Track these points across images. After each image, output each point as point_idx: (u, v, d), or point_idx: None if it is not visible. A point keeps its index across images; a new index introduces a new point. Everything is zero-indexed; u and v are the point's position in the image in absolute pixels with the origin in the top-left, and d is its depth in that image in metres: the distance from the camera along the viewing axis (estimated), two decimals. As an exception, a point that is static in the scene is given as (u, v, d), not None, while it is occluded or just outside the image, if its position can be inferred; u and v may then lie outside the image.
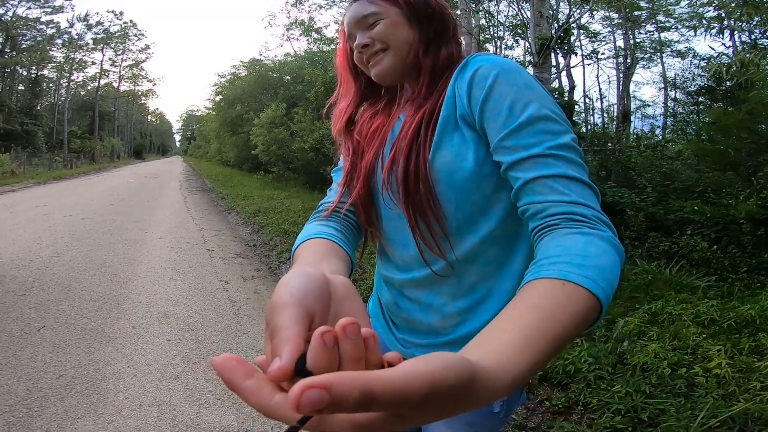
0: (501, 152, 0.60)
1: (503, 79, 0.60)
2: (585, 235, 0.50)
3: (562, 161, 0.56)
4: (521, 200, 0.58)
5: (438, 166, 0.65)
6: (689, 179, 5.12)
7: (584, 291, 0.43)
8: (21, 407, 2.04)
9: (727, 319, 2.77)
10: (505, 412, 0.80)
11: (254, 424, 2.03)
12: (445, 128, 0.65)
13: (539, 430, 2.00)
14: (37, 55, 29.57)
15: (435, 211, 0.66)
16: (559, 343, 0.40)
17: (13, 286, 3.74)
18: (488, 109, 0.60)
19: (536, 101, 0.58)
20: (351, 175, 0.76)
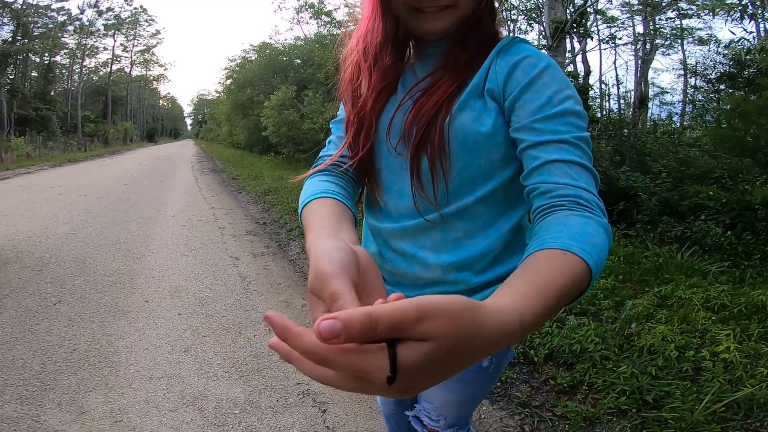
0: (528, 132, 0.64)
1: (550, 72, 0.66)
2: (584, 218, 0.56)
3: (580, 151, 0.62)
4: (534, 178, 0.62)
5: (457, 125, 0.68)
6: (706, 165, 5.04)
7: (581, 261, 0.48)
8: (35, 381, 2.10)
9: (738, 305, 2.74)
10: (494, 367, 0.83)
11: (260, 397, 2.07)
12: (473, 93, 0.69)
13: (543, 409, 2.01)
14: (49, 42, 29.87)
15: (443, 166, 0.69)
16: (558, 301, 0.44)
17: (30, 262, 3.84)
18: (528, 92, 0.65)
19: (573, 99, 0.64)
20: (357, 125, 0.76)
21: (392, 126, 0.73)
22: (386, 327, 0.29)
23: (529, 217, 0.71)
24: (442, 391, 0.86)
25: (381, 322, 0.29)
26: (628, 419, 1.89)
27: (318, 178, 0.74)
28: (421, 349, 0.30)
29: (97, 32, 37.09)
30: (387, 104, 0.75)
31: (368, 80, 0.75)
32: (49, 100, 29.60)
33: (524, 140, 0.64)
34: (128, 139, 42.46)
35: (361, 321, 0.29)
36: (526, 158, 0.64)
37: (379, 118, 0.75)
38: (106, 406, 1.95)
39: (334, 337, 0.28)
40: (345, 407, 2.02)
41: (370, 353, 0.30)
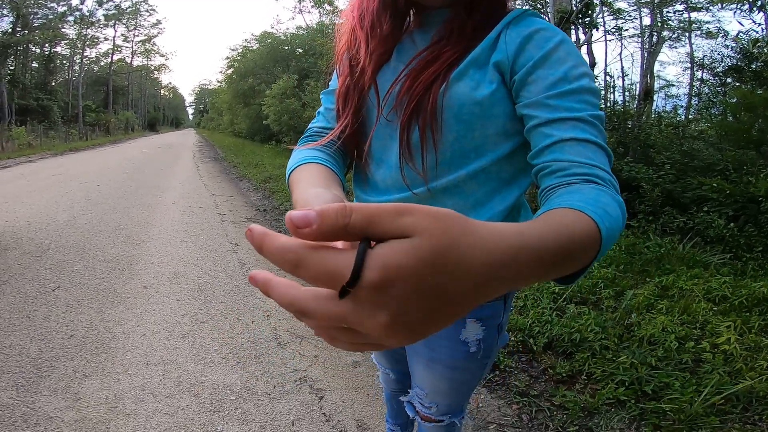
0: (541, 108, 0.61)
1: (565, 47, 0.62)
2: (598, 190, 0.53)
3: (595, 130, 0.59)
4: (545, 156, 0.59)
5: (452, 94, 0.65)
6: (710, 157, 5.00)
7: (591, 221, 0.44)
8: (31, 368, 2.09)
9: (739, 297, 2.72)
10: (483, 353, 0.80)
11: (257, 383, 2.06)
12: (473, 63, 0.65)
13: (542, 398, 2.00)
14: (50, 32, 29.80)
15: (434, 135, 0.66)
16: (565, 252, 0.37)
17: (30, 248, 3.83)
18: (542, 67, 0.61)
19: (588, 76, 0.62)
20: (349, 94, 0.73)
21: (384, 94, 0.71)
22: (362, 216, 0.26)
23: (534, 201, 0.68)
24: (431, 377, 0.84)
25: (356, 211, 0.26)
26: (626, 410, 1.88)
27: (307, 148, 0.73)
28: (403, 245, 0.26)
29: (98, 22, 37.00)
30: (381, 73, 0.72)
31: (365, 48, 0.72)
32: (50, 90, 29.63)
33: (535, 117, 0.61)
34: (130, 128, 42.40)
35: (336, 210, 0.26)
36: (536, 136, 0.61)
37: (371, 87, 0.72)
38: (101, 392, 1.94)
39: (307, 225, 0.26)
40: (342, 394, 2.01)
41: (345, 252, 0.27)
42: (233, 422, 1.80)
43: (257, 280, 0.30)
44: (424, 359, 0.83)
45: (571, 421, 1.85)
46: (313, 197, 0.44)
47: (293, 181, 0.64)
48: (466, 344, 0.79)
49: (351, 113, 0.72)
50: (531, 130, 0.62)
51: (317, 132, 0.79)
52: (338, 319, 0.28)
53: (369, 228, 0.26)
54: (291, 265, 0.27)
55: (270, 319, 2.68)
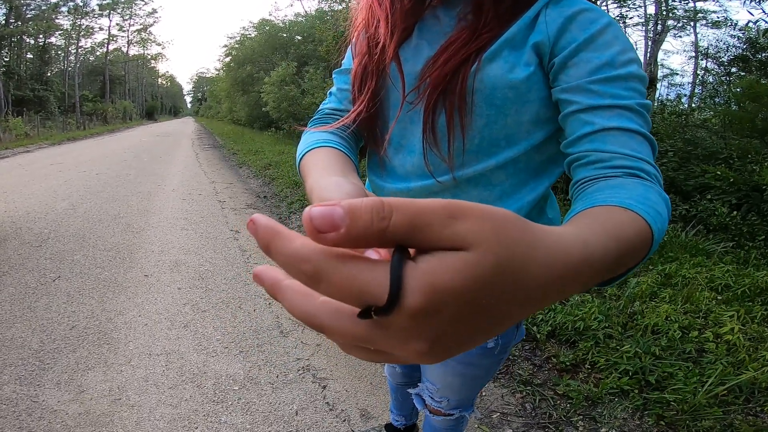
0: (582, 93, 0.56)
1: (613, 30, 0.57)
2: (646, 187, 0.48)
3: (642, 119, 0.54)
4: (583, 145, 0.55)
5: (484, 76, 0.60)
6: (713, 146, 4.97)
7: (647, 226, 0.40)
8: (34, 360, 2.08)
9: (742, 286, 2.71)
10: (500, 348, 0.78)
11: (260, 373, 2.06)
12: (508, 44, 0.60)
13: (545, 387, 2.00)
14: (43, 23, 29.60)
15: (462, 120, 0.61)
16: (624, 253, 0.35)
17: (29, 238, 3.81)
18: (586, 50, 0.57)
19: (637, 63, 0.57)
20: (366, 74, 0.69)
21: (407, 74, 0.66)
22: (404, 220, 0.21)
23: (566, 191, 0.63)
24: (443, 373, 0.82)
25: (398, 211, 0.21)
26: (630, 400, 1.88)
27: (320, 130, 0.68)
28: (457, 262, 0.20)
29: (92, 12, 36.71)
30: (401, 51, 0.67)
31: (384, 26, 0.67)
32: (46, 80, 29.56)
33: (574, 102, 0.56)
34: (128, 117, 42.23)
35: (370, 209, 0.21)
36: (574, 122, 0.56)
37: (391, 66, 0.67)
38: (104, 384, 1.93)
39: (332, 228, 0.20)
40: (345, 383, 2.01)
41: (379, 265, 0.21)
42: (237, 412, 1.80)
43: (263, 279, 0.25)
44: None
45: (575, 411, 1.85)
46: (334, 187, 0.39)
47: (305, 166, 0.58)
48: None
49: (369, 95, 0.68)
50: (569, 116, 0.57)
51: (329, 114, 0.74)
52: (364, 341, 0.23)
53: (413, 235, 0.21)
54: (308, 278, 0.22)
55: (272, 307, 2.67)
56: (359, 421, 1.78)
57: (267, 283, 0.25)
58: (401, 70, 0.66)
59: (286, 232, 0.23)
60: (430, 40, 0.66)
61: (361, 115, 0.68)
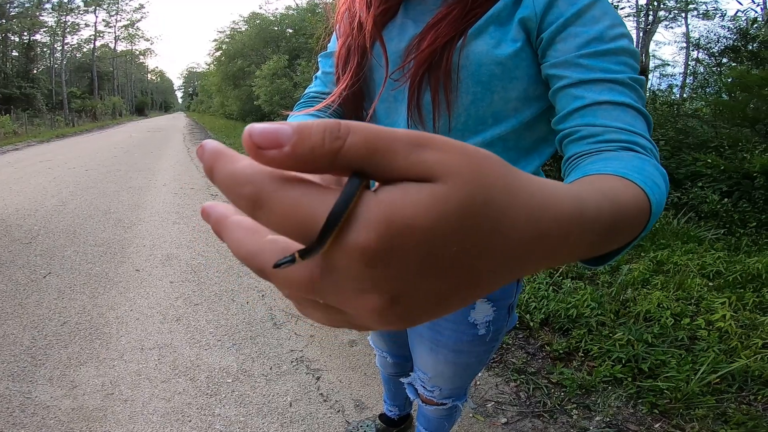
0: (572, 67, 0.54)
1: (601, 5, 0.56)
2: (642, 159, 0.47)
3: (635, 93, 0.53)
4: (574, 120, 0.53)
5: (470, 52, 0.59)
6: (704, 135, 5.00)
7: (643, 194, 0.38)
8: (25, 356, 2.06)
9: (733, 273, 2.73)
10: (492, 335, 0.77)
11: (253, 365, 2.05)
12: (493, 19, 0.59)
13: (539, 375, 2.01)
14: (27, 20, 29.17)
15: (448, 96, 0.60)
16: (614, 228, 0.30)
17: (19, 235, 3.76)
18: (575, 24, 0.55)
19: (628, 38, 0.55)
20: (349, 54, 0.67)
21: (391, 53, 0.65)
22: (362, 140, 0.17)
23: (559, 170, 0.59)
24: (435, 361, 0.81)
25: (354, 132, 0.17)
26: (623, 388, 1.89)
27: (301, 113, 0.69)
28: (421, 193, 0.17)
29: (77, 9, 36.26)
30: (386, 30, 0.66)
31: (366, 4, 0.66)
32: (32, 78, 29.29)
33: (564, 77, 0.55)
34: (117, 113, 41.81)
35: (323, 127, 0.17)
36: (564, 98, 0.55)
37: (374, 45, 0.66)
38: (97, 379, 1.92)
39: (275, 144, 0.17)
40: (339, 374, 2.00)
41: (330, 192, 0.18)
42: (230, 405, 1.79)
43: (209, 215, 0.22)
44: (428, 342, 0.80)
45: (569, 399, 1.86)
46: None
47: None
48: (474, 327, 0.75)
49: (352, 73, 0.67)
50: (558, 91, 0.56)
51: (314, 97, 0.74)
52: (311, 292, 0.20)
53: (371, 159, 0.17)
54: (248, 202, 0.18)
55: (265, 299, 2.66)
56: (353, 412, 1.78)
57: (212, 219, 0.22)
58: (385, 49, 0.65)
59: (232, 153, 0.20)
60: (415, 19, 0.64)
61: (344, 93, 0.67)
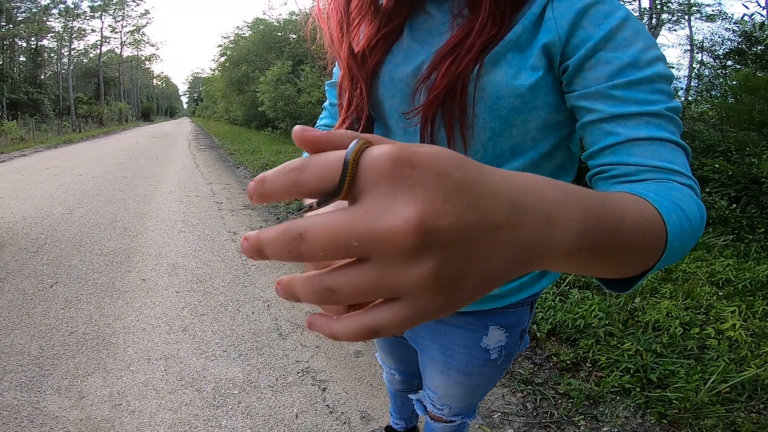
0: (604, 100, 0.49)
1: (632, 25, 0.50)
2: (671, 185, 0.44)
3: (672, 125, 0.49)
4: (605, 158, 0.49)
5: (487, 83, 0.53)
6: (711, 139, 4.97)
7: (653, 209, 0.36)
8: (33, 366, 2.07)
9: (743, 280, 2.71)
10: (504, 359, 0.76)
11: (259, 376, 2.04)
12: (512, 45, 0.53)
13: (546, 386, 1.99)
14: (35, 26, 29.54)
15: (464, 133, 0.55)
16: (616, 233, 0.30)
17: (26, 244, 3.78)
18: (605, 49, 0.50)
19: (663, 61, 0.50)
20: (353, 86, 0.62)
21: (398, 81, 0.59)
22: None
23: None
24: (445, 382, 0.80)
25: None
26: (631, 398, 1.87)
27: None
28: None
29: (84, 14, 36.68)
30: (390, 55, 0.61)
31: (368, 26, 0.61)
32: (40, 83, 29.55)
33: (595, 110, 0.50)
34: (123, 119, 42.13)
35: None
36: (595, 132, 0.50)
37: (379, 74, 0.61)
38: (104, 389, 1.92)
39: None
40: (345, 385, 2.00)
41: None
42: (237, 417, 1.79)
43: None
44: (440, 365, 0.79)
45: (576, 410, 1.85)
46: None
47: None
48: (486, 351, 0.74)
49: (355, 108, 0.62)
50: (588, 125, 0.51)
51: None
52: (374, 289, 0.22)
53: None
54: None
55: (270, 309, 2.66)
56: (359, 424, 1.78)
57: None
58: (376, 78, 0.60)
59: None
60: (421, 41, 0.60)
61: (349, 128, 0.63)
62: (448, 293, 0.22)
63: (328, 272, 0.22)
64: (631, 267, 0.35)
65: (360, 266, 0.21)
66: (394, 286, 0.21)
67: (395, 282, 0.21)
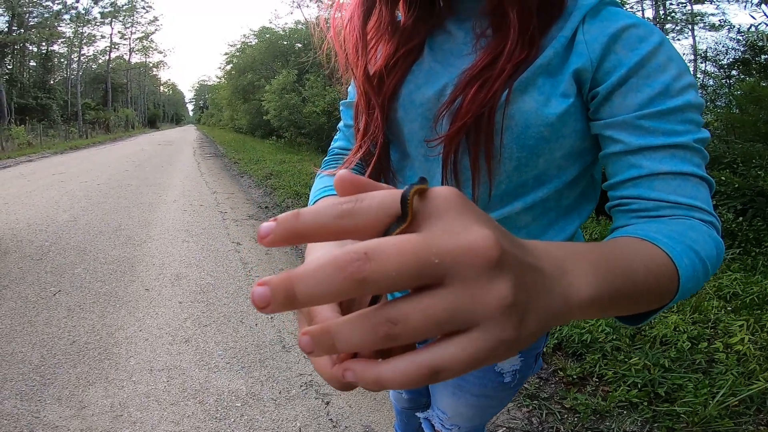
0: (631, 130, 0.48)
1: (666, 50, 0.48)
2: (687, 223, 0.43)
3: (699, 157, 0.47)
4: (626, 190, 0.48)
5: (515, 112, 0.50)
6: (717, 150, 4.94)
7: (664, 254, 0.36)
8: (34, 375, 2.06)
9: (750, 294, 2.68)
10: (517, 381, 0.75)
11: (262, 388, 2.03)
12: (545, 69, 0.50)
13: (552, 401, 1.97)
14: (46, 31, 29.95)
15: (489, 163, 0.52)
16: (629, 290, 0.32)
17: (30, 251, 3.79)
18: (636, 76, 0.48)
19: (694, 87, 0.48)
20: (370, 108, 0.59)
21: (419, 104, 0.57)
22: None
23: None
24: (455, 403, 0.79)
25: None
26: (639, 413, 1.85)
27: (327, 174, 0.63)
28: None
29: (94, 20, 37.19)
30: (410, 76, 0.58)
31: (386, 45, 0.59)
32: (49, 88, 29.83)
33: (620, 141, 0.48)
34: (130, 125, 42.50)
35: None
36: (618, 163, 0.49)
37: (398, 95, 0.58)
38: (106, 400, 1.91)
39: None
40: (349, 399, 1.97)
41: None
42: (240, 429, 1.77)
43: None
44: (451, 387, 0.78)
45: (583, 425, 1.82)
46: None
47: None
48: (501, 375, 0.72)
49: (371, 135, 0.59)
50: (612, 156, 0.49)
51: (338, 154, 0.69)
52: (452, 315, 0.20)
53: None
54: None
55: (273, 321, 2.65)
56: (364, 439, 1.76)
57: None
58: (395, 101, 0.58)
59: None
60: (444, 62, 0.57)
61: (365, 154, 0.60)
62: (518, 322, 0.21)
63: (391, 303, 0.20)
64: (644, 306, 0.35)
65: (433, 291, 0.20)
66: (472, 310, 0.20)
67: (475, 304, 0.20)
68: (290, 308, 0.20)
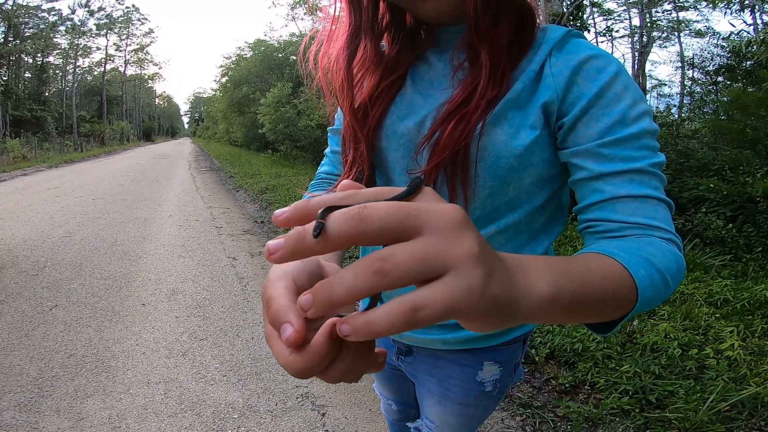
0: (593, 158, 0.51)
1: (622, 80, 0.52)
2: (647, 240, 0.47)
3: (656, 180, 0.51)
4: (593, 213, 0.52)
5: (487, 144, 0.54)
6: (705, 157, 5.01)
7: (623, 268, 0.39)
8: (32, 387, 2.08)
9: (740, 300, 2.72)
10: (498, 391, 0.78)
11: (259, 400, 2.04)
12: (514, 103, 0.54)
13: (545, 409, 1.99)
14: (41, 42, 29.97)
15: (465, 191, 0.56)
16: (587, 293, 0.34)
17: (26, 266, 3.80)
18: (596, 106, 0.51)
19: (649, 115, 0.52)
20: (355, 138, 0.63)
21: (401, 135, 0.60)
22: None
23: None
24: (441, 412, 0.82)
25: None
26: (631, 419, 1.87)
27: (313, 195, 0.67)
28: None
29: (89, 32, 37.32)
30: (393, 107, 0.62)
31: (371, 77, 0.62)
32: (44, 100, 29.73)
33: (584, 168, 0.52)
34: (125, 138, 42.42)
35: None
36: (584, 189, 0.53)
37: (382, 126, 0.62)
38: (104, 412, 1.92)
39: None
40: (344, 410, 1.99)
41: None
42: (236, 443, 1.78)
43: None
44: (437, 396, 0.81)
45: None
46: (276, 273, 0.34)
47: None
48: (482, 384, 0.76)
49: (357, 167, 0.62)
50: (579, 182, 0.54)
51: (324, 179, 0.72)
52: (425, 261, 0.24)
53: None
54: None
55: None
56: (360, 450, 1.77)
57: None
58: (379, 131, 0.61)
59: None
60: (424, 93, 0.61)
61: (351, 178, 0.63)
62: (486, 275, 0.25)
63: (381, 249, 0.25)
64: (608, 313, 0.38)
65: (415, 239, 0.24)
66: (446, 252, 0.24)
67: (448, 250, 0.24)
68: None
